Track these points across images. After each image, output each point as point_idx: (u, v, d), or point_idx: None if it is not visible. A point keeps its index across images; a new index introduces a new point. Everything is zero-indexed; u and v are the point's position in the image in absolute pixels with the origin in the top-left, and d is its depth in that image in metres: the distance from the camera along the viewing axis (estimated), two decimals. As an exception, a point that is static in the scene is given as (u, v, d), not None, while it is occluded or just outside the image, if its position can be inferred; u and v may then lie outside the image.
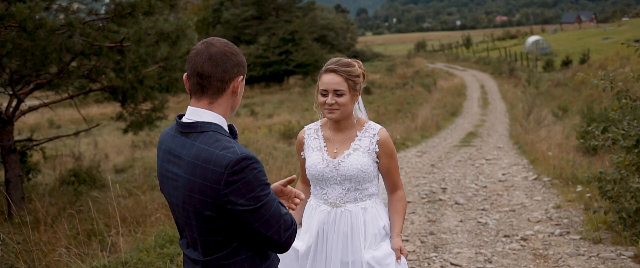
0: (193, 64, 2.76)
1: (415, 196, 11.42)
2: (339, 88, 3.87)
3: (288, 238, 2.79)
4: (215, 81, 2.75)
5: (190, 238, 2.87)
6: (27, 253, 7.92)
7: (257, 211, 2.66)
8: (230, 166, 2.59)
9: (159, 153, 2.91)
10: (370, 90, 42.39)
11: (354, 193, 3.97)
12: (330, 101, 3.88)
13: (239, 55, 2.82)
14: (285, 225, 2.77)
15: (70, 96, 12.02)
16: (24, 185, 12.04)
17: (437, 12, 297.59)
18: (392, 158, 4.01)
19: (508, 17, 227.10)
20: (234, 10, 63.90)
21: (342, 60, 3.93)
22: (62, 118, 37.35)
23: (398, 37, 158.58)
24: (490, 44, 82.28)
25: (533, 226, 8.92)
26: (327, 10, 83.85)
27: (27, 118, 37.53)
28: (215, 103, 2.79)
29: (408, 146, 19.58)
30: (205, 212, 2.68)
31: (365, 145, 3.97)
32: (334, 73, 3.89)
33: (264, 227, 2.69)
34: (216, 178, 2.61)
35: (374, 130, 4.00)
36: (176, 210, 2.85)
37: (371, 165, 3.94)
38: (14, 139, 11.03)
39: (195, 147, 2.69)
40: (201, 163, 2.64)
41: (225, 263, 2.81)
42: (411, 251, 8.04)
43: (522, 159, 15.23)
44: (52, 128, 34.66)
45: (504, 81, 43.90)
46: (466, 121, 27.06)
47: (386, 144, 3.98)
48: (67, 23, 9.41)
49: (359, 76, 3.95)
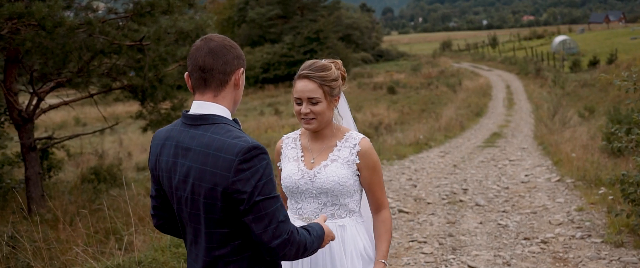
0: (194, 59, 2.83)
1: (435, 197, 11.33)
2: (313, 96, 3.50)
3: (278, 247, 2.71)
4: (217, 73, 2.82)
5: (193, 233, 2.87)
6: (45, 251, 7.94)
7: (255, 204, 2.66)
8: (242, 153, 2.64)
9: (163, 150, 2.91)
10: (395, 90, 42.29)
11: (331, 209, 3.59)
12: (305, 110, 3.52)
13: (237, 48, 2.90)
14: (277, 231, 2.71)
15: (90, 95, 12.05)
16: (44, 183, 12.10)
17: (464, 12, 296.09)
18: (375, 171, 3.61)
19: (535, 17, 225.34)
20: (259, 10, 64.10)
21: (317, 63, 3.56)
22: (89, 116, 37.62)
23: (424, 36, 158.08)
24: (517, 44, 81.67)
25: (554, 229, 8.79)
26: (352, 10, 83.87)
27: (54, 116, 37.92)
28: (219, 95, 2.85)
29: (431, 146, 19.48)
30: (214, 202, 2.70)
31: (345, 156, 3.59)
32: (307, 79, 3.51)
33: (256, 223, 2.68)
34: (227, 165, 2.65)
35: (355, 140, 3.62)
36: (182, 204, 2.84)
37: (351, 178, 3.56)
38: (34, 137, 11.06)
39: (207, 137, 2.74)
40: (213, 152, 2.69)
41: (226, 260, 2.81)
42: (428, 253, 7.95)
43: (546, 161, 15.06)
44: (78, 125, 34.96)
45: (530, 81, 43.52)
46: (491, 121, 26.87)
47: (368, 155, 3.59)
48: (86, 22, 9.43)
49: (336, 79, 3.58)
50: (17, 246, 7.74)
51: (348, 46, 63.98)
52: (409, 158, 16.81)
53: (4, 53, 10.38)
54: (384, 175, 13.79)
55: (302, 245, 2.80)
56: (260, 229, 2.67)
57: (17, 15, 8.45)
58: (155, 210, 3.10)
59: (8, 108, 10.82)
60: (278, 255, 2.74)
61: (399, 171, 14.35)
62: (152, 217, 3.14)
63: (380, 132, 23.98)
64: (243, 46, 62.18)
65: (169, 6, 9.69)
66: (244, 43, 63.68)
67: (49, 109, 11.51)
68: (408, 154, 17.41)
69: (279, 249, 2.71)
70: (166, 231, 3.18)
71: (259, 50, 58.94)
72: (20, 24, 8.82)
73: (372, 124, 26.39)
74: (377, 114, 30.91)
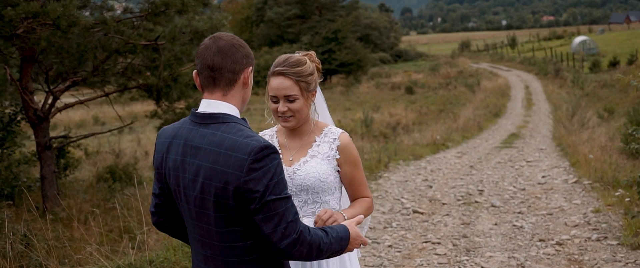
0: (203, 58, 2.82)
1: (450, 198, 11.26)
2: (289, 93, 3.39)
3: (287, 247, 2.70)
4: (226, 72, 2.81)
5: (202, 233, 2.84)
6: (59, 250, 7.96)
7: (266, 204, 2.65)
8: (254, 152, 2.64)
9: (171, 148, 2.89)
10: (413, 90, 42.20)
11: (312, 206, 3.49)
12: (283, 109, 3.42)
13: (246, 47, 2.89)
14: (286, 231, 2.68)
15: (105, 94, 12.09)
16: (60, 181, 12.15)
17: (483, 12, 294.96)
18: (355, 166, 3.53)
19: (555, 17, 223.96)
20: (278, 9, 64.18)
21: (291, 59, 3.44)
22: (108, 115, 37.79)
23: (442, 36, 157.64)
24: (536, 44, 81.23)
25: (569, 231, 8.70)
26: (370, 10, 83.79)
27: (73, 115, 38.19)
28: (229, 94, 2.84)
29: (448, 146, 19.38)
30: (225, 201, 2.68)
31: (325, 151, 3.51)
32: (282, 76, 3.39)
33: (265, 222, 2.67)
34: (239, 164, 2.64)
35: (335, 134, 3.54)
36: (190, 203, 2.82)
37: (331, 174, 3.49)
38: (50, 136, 11.11)
39: (218, 136, 2.73)
40: (225, 151, 2.68)
41: (239, 260, 2.80)
42: (442, 254, 7.90)
43: (563, 162, 14.93)
44: (97, 124, 35.14)
45: (549, 82, 43.24)
46: (509, 122, 26.72)
47: (348, 150, 3.51)
48: (101, 21, 9.45)
49: (312, 73, 3.46)
50: (31, 244, 7.76)
51: (366, 46, 63.84)
52: (425, 158, 16.74)
53: (19, 52, 10.43)
54: (400, 176, 13.74)
55: (315, 246, 2.76)
56: (269, 229, 2.66)
57: (32, 14, 8.49)
58: (157, 208, 3.08)
59: (24, 106, 10.87)
60: (287, 255, 2.72)
61: (415, 172, 14.29)
62: (152, 215, 3.12)
63: (398, 132, 23.91)
64: (261, 45, 62.33)
65: (184, 5, 9.69)
66: (262, 43, 63.80)
67: (64, 108, 11.55)
68: (425, 154, 17.34)
69: (288, 249, 2.69)
70: (165, 229, 3.17)
71: (277, 50, 58.90)
72: (36, 23, 8.86)
73: (389, 125, 26.33)
74: (394, 115, 30.83)
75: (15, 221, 8.55)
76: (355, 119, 27.99)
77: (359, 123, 25.49)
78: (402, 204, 10.86)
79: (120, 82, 12.34)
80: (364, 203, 3.56)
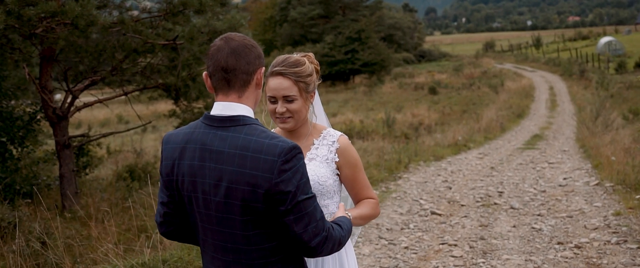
0: (215, 59, 2.79)
1: (469, 199, 11.17)
2: (288, 94, 3.32)
3: (318, 245, 2.72)
4: (241, 73, 2.78)
5: (223, 239, 2.80)
6: (74, 249, 7.99)
7: (297, 204, 2.66)
8: (284, 154, 2.64)
9: (184, 154, 2.83)
10: (436, 90, 42.01)
11: None
12: (281, 110, 3.35)
13: (258, 47, 2.88)
14: (316, 229, 2.71)
15: (124, 93, 12.13)
16: (80, 180, 12.21)
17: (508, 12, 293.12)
18: (356, 168, 3.46)
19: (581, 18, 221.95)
20: (301, 9, 64.20)
21: (290, 59, 3.38)
22: (131, 113, 37.99)
23: (467, 37, 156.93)
24: (561, 45, 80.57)
25: (589, 234, 8.59)
26: (394, 10, 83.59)
27: (97, 113, 38.49)
28: (243, 96, 2.82)
29: (470, 147, 19.26)
30: (254, 204, 2.67)
31: (323, 154, 3.43)
32: (281, 76, 3.33)
33: (297, 223, 2.68)
34: (268, 166, 2.63)
35: (333, 137, 3.46)
36: (211, 208, 2.78)
37: (330, 177, 3.41)
38: (69, 134, 11.16)
39: (242, 139, 2.70)
40: (252, 154, 2.66)
41: (263, 262, 2.79)
42: (458, 256, 7.83)
43: (586, 164, 14.76)
44: (121, 123, 35.37)
45: (573, 83, 42.84)
46: (532, 123, 26.50)
47: (347, 152, 3.44)
48: (119, 21, 9.48)
49: (311, 74, 3.41)
50: (48, 243, 7.79)
51: (390, 46, 63.73)
52: (446, 159, 16.64)
53: (39, 51, 10.49)
54: (420, 177, 13.67)
55: (337, 241, 2.82)
56: (300, 229, 2.67)
57: (50, 14, 8.53)
58: (165, 217, 3.01)
59: (43, 105, 10.94)
60: (317, 252, 2.74)
61: (435, 173, 14.20)
62: (160, 225, 3.05)
63: (420, 133, 23.81)
64: (284, 45, 62.36)
65: (201, 5, 9.70)
66: (285, 43, 63.84)
67: (83, 107, 11.61)
68: (446, 155, 17.24)
69: (319, 247, 2.72)
70: (175, 237, 3.11)
71: (300, 49, 58.70)
72: (54, 22, 8.90)
73: (412, 125, 26.22)
74: (417, 115, 30.70)
75: (33, 220, 8.60)
76: (377, 119, 27.92)
77: (380, 123, 25.42)
78: (420, 205, 10.79)
79: (139, 82, 12.38)
80: (369, 204, 3.48)
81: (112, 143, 23.73)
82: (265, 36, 69.85)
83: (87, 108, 11.81)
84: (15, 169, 11.23)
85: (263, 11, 73.60)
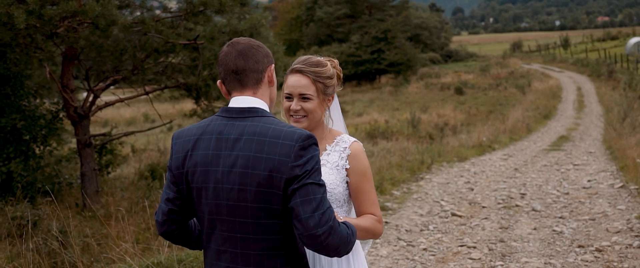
0: (225, 64, 2.90)
1: (491, 201, 11.07)
2: (305, 92, 3.26)
3: (324, 234, 2.66)
4: (251, 72, 2.88)
5: (232, 230, 2.81)
6: (92, 247, 8.03)
7: (305, 186, 2.67)
8: (302, 139, 2.70)
9: (198, 144, 2.86)
10: (462, 91, 41.76)
11: None
12: (296, 107, 3.28)
13: (264, 47, 2.97)
14: (324, 217, 2.67)
15: (146, 92, 12.18)
16: (102, 179, 12.28)
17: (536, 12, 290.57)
18: (364, 177, 3.30)
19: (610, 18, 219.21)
20: (327, 9, 64.15)
21: (312, 59, 3.33)
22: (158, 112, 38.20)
23: (494, 37, 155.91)
24: (590, 45, 79.77)
25: (611, 237, 8.46)
26: (421, 9, 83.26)
27: (123, 112, 38.74)
28: (258, 92, 2.90)
29: (494, 148, 19.12)
30: (269, 190, 2.70)
31: (334, 160, 3.31)
32: (299, 74, 3.28)
33: (304, 206, 2.66)
34: (286, 150, 2.68)
35: (346, 143, 3.34)
36: (221, 198, 2.79)
37: (340, 185, 3.28)
38: (90, 133, 11.23)
39: (260, 126, 2.77)
40: (270, 139, 2.72)
41: (269, 254, 2.80)
42: (476, 258, 7.75)
43: (611, 166, 14.57)
44: (147, 122, 35.57)
45: (601, 84, 42.38)
46: (559, 124, 26.25)
47: (358, 159, 3.30)
48: (140, 21, 9.52)
49: (332, 77, 3.34)
50: (66, 241, 7.83)
51: (416, 46, 63.40)
52: (470, 160, 16.53)
53: (61, 51, 10.56)
54: (442, 177, 13.58)
55: (344, 239, 2.76)
56: (307, 213, 2.65)
57: (71, 13, 8.57)
58: (169, 215, 2.99)
59: (64, 104, 11.01)
60: (323, 243, 2.68)
61: (458, 174, 14.10)
62: (161, 224, 3.02)
63: (445, 133, 23.68)
64: (310, 45, 62.37)
65: (221, 5, 9.71)
66: (312, 42, 63.86)
67: (105, 106, 11.68)
68: (470, 156, 17.13)
69: (324, 237, 2.67)
70: (174, 238, 3.08)
71: (326, 49, 58.89)
72: (75, 22, 8.95)
73: (437, 126, 26.09)
74: (443, 115, 30.57)
75: (53, 218, 8.65)
76: (401, 119, 27.81)
77: (405, 124, 25.32)
78: (441, 206, 10.72)
79: (160, 81, 12.44)
80: (370, 219, 3.29)
81: (138, 141, 23.85)
82: (291, 36, 69.92)
83: (113, 107, 11.91)
84: (37, 167, 11.31)
85: (289, 11, 73.64)
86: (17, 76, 11.30)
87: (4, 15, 8.13)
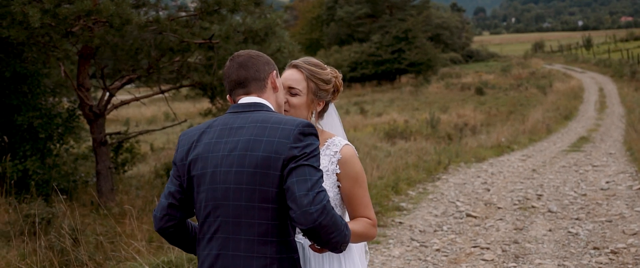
0: (228, 77, 3.07)
1: (507, 202, 10.99)
2: (294, 86, 3.23)
3: (317, 212, 2.68)
4: (253, 80, 3.04)
5: (226, 214, 2.86)
6: (105, 246, 8.04)
7: (301, 167, 2.75)
8: (302, 125, 2.82)
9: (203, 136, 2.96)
10: (483, 91, 41.56)
11: None
12: (282, 99, 3.20)
13: (264, 56, 3.13)
14: (318, 198, 2.71)
15: (161, 91, 12.22)
16: (118, 177, 12.33)
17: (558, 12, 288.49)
18: (356, 182, 3.19)
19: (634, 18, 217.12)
20: (348, 8, 64.09)
21: (312, 59, 3.32)
22: (178, 111, 38.31)
23: (516, 37, 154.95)
24: (612, 46, 79.07)
25: (627, 239, 8.35)
26: (442, 9, 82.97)
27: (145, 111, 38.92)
28: (263, 96, 3.05)
29: (513, 149, 19.00)
30: (267, 171, 2.78)
31: (324, 165, 3.18)
32: (295, 69, 3.28)
33: (299, 185, 2.71)
34: (286, 133, 2.80)
35: (337, 147, 3.22)
36: (217, 182, 2.86)
37: (331, 190, 3.17)
38: (105, 132, 11.28)
39: (263, 115, 2.92)
40: (271, 124, 2.84)
41: (264, 240, 2.82)
42: (489, 260, 7.69)
43: (631, 167, 14.42)
44: (168, 120, 35.70)
45: (624, 84, 41.98)
46: (580, 125, 26.02)
47: (349, 164, 3.19)
48: (155, 20, 9.54)
49: (327, 82, 3.30)
50: (80, 239, 7.86)
51: (437, 45, 63.19)
52: (488, 161, 16.43)
53: (77, 50, 10.61)
54: (459, 178, 13.51)
55: (337, 224, 2.76)
56: (302, 191, 2.71)
57: (85, 12, 8.60)
58: (168, 210, 3.03)
59: (80, 103, 11.06)
60: (315, 223, 2.69)
61: (475, 174, 14.02)
62: (159, 219, 3.04)
63: (465, 134, 23.55)
64: (331, 44, 62.41)
65: (235, 4, 9.72)
66: (332, 42, 63.85)
67: (120, 105, 11.74)
68: (488, 157, 17.03)
69: (317, 214, 2.69)
70: (171, 235, 3.10)
71: (346, 49, 58.88)
72: (90, 21, 8.98)
73: (457, 126, 25.96)
74: (462, 116, 30.42)
75: (68, 217, 8.68)
76: (421, 119, 27.71)
77: (424, 124, 25.23)
78: (456, 207, 10.65)
79: (175, 80, 12.48)
80: (363, 222, 3.20)
81: (157, 140, 23.94)
82: (312, 35, 69.93)
83: (135, 105, 11.99)
84: (53, 165, 11.37)
85: (310, 10, 73.62)
86: (34, 74, 11.36)
87: (19, 14, 8.19)
